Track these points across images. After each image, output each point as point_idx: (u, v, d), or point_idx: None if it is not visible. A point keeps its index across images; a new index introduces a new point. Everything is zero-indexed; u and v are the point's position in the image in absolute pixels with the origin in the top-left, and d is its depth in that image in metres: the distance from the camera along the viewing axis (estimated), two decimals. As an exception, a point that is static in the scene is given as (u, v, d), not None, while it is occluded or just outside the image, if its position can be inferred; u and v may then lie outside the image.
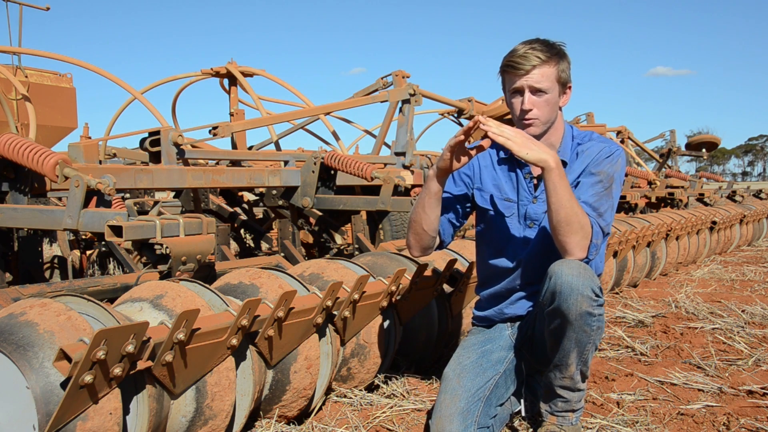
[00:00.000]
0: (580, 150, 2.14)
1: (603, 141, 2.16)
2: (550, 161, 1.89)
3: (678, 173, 9.42)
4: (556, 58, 2.05)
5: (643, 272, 5.24)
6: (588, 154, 2.12)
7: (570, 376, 2.02)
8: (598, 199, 2.03)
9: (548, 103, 2.06)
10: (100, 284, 2.47)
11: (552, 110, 2.08)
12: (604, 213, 2.02)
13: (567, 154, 2.14)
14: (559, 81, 2.06)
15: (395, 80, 5.01)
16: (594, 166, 2.09)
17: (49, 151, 2.38)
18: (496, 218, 2.23)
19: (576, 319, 1.90)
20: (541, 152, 1.89)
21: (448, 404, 2.03)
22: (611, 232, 2.15)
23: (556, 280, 1.90)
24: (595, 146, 2.13)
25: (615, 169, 2.08)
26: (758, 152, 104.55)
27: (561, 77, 2.06)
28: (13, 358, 1.54)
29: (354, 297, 2.29)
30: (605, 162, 2.08)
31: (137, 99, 4.08)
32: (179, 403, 1.84)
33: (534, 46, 2.04)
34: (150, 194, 6.63)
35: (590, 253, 1.99)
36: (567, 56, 2.10)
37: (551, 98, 2.06)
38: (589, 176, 2.08)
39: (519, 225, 2.20)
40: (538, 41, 2.06)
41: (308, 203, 3.70)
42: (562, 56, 2.07)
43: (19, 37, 5.40)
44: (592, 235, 1.97)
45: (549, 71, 2.04)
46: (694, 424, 2.28)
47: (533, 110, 2.06)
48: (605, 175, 2.06)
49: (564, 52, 2.09)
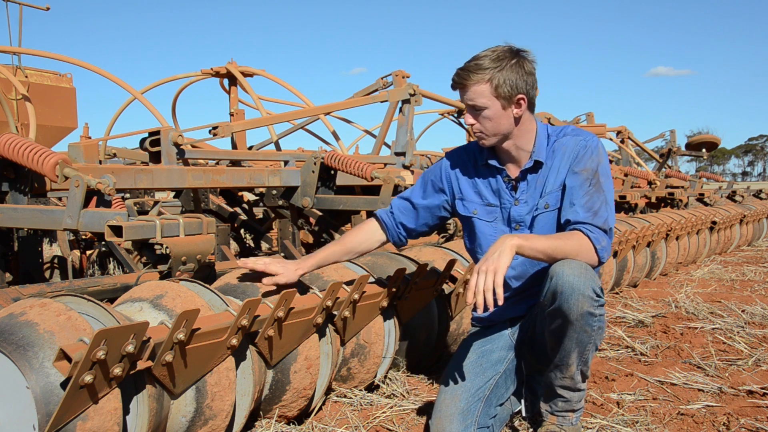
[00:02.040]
0: (557, 146, 2.14)
1: (576, 134, 2.15)
2: (513, 248, 1.89)
3: (678, 173, 9.41)
4: (491, 73, 2.00)
5: (643, 272, 5.24)
6: (565, 151, 2.12)
7: (570, 376, 2.02)
8: (589, 198, 2.03)
9: (488, 118, 2.05)
10: (100, 284, 2.47)
11: (497, 124, 2.07)
12: (598, 210, 2.02)
13: (542, 153, 2.13)
14: (497, 96, 2.02)
15: (395, 80, 5.00)
16: (576, 164, 2.09)
17: (49, 151, 2.38)
18: (481, 225, 2.24)
19: (577, 319, 1.90)
20: (503, 250, 1.88)
21: (448, 404, 2.03)
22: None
23: (558, 280, 1.90)
24: (570, 141, 2.13)
25: (597, 161, 2.08)
26: (758, 152, 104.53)
27: (499, 92, 2.01)
28: (13, 358, 1.54)
29: (354, 297, 2.29)
30: (586, 157, 2.08)
31: (137, 99, 4.08)
32: (179, 403, 1.84)
33: (470, 64, 2.03)
34: (150, 194, 6.63)
35: (602, 258, 2.00)
36: (519, 68, 2.02)
37: (491, 113, 2.04)
38: (575, 176, 2.08)
39: (504, 229, 2.20)
40: (485, 54, 2.03)
41: (308, 203, 3.70)
42: (506, 69, 2.01)
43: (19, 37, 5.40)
44: (592, 243, 1.98)
45: (481, 88, 2.02)
46: (694, 424, 2.28)
47: (475, 125, 2.08)
48: (590, 172, 2.06)
49: (514, 64, 2.01)
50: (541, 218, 2.13)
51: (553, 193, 2.12)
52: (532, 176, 2.15)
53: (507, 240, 1.91)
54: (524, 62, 2.05)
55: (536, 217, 2.14)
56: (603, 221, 2.01)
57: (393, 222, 2.36)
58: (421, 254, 3.02)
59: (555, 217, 2.11)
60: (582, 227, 2.00)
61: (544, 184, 2.13)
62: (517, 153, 2.15)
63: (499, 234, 2.18)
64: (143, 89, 5.44)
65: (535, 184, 2.15)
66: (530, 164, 2.14)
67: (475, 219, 2.25)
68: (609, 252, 2.03)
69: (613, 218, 2.06)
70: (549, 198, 2.12)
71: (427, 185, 2.34)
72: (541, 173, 2.14)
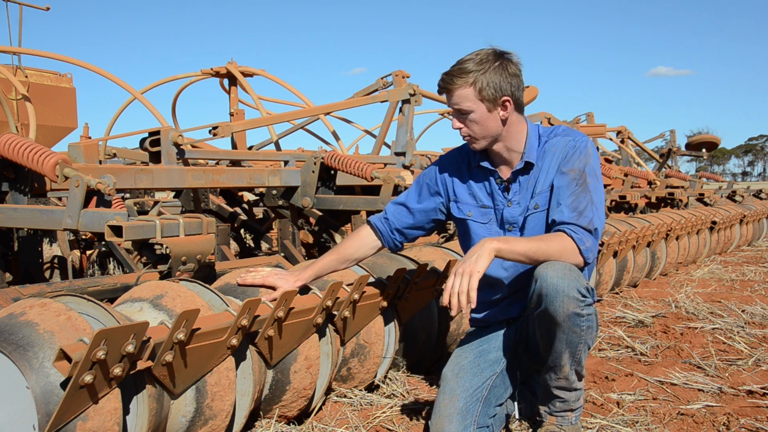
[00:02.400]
0: (548, 147, 2.14)
1: (567, 134, 2.15)
2: (492, 252, 1.92)
3: (678, 173, 9.41)
4: (474, 76, 2.01)
5: (643, 272, 5.24)
6: (555, 152, 2.12)
7: (565, 377, 2.02)
8: (575, 199, 2.03)
9: (475, 121, 2.06)
10: (100, 284, 2.47)
11: (484, 127, 2.07)
12: (584, 210, 2.01)
13: (533, 154, 2.14)
14: (482, 99, 2.03)
15: (395, 80, 5.01)
16: (564, 164, 2.09)
17: (49, 151, 2.38)
18: (475, 226, 2.24)
19: (564, 320, 1.90)
20: (482, 254, 1.90)
21: (447, 404, 2.03)
22: (605, 228, 2.17)
23: (542, 282, 1.91)
24: (560, 142, 2.13)
25: (585, 161, 2.08)
26: (758, 152, 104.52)
27: (483, 95, 2.02)
28: (13, 358, 1.54)
29: (354, 297, 2.29)
30: (574, 157, 2.08)
31: (137, 99, 4.08)
32: (179, 403, 1.84)
33: (454, 69, 2.04)
34: (150, 194, 6.63)
35: (587, 258, 2.00)
36: (503, 70, 2.02)
37: (477, 117, 2.05)
38: (562, 177, 2.08)
39: (498, 231, 2.20)
40: (469, 58, 2.04)
41: (308, 203, 3.71)
42: (489, 71, 2.01)
43: (19, 37, 5.40)
44: (576, 244, 1.98)
45: (465, 92, 2.02)
46: (694, 424, 2.28)
47: (463, 128, 2.09)
48: (577, 172, 2.06)
49: (498, 67, 2.02)
50: (532, 219, 2.14)
51: (542, 194, 2.12)
52: (524, 177, 2.16)
53: (486, 243, 1.92)
54: (508, 64, 2.04)
55: (527, 217, 2.14)
56: (588, 222, 2.01)
57: (387, 228, 2.35)
58: (421, 254, 3.02)
59: (545, 218, 2.12)
60: (566, 228, 2.00)
61: (534, 185, 2.13)
62: (508, 154, 2.15)
63: (493, 235, 2.18)
64: (143, 89, 5.44)
65: (527, 185, 2.15)
66: (521, 165, 2.14)
67: (469, 221, 2.25)
68: (595, 252, 2.02)
69: (599, 219, 2.05)
70: (539, 198, 2.12)
71: (423, 189, 2.34)
72: (532, 174, 2.14)
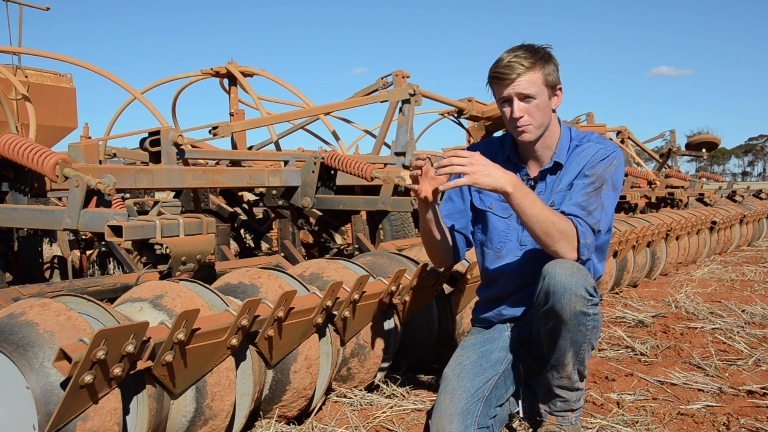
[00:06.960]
0: (578, 151, 2.14)
1: (600, 142, 2.15)
2: (506, 187, 1.89)
3: (678, 173, 9.41)
4: (541, 62, 2.04)
5: (643, 272, 5.24)
6: (584, 156, 2.12)
7: (567, 376, 2.02)
8: (586, 198, 2.03)
9: (538, 108, 2.06)
10: (100, 284, 2.47)
11: (544, 114, 2.08)
12: (593, 211, 2.01)
13: (563, 155, 2.14)
14: (546, 85, 2.06)
15: (395, 80, 5.00)
16: (589, 168, 2.09)
17: (49, 151, 2.38)
18: (495, 220, 2.24)
19: (570, 318, 1.90)
20: (497, 178, 1.88)
21: (447, 404, 2.03)
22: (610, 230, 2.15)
23: (550, 280, 1.90)
24: (591, 148, 2.13)
25: (609, 171, 2.08)
26: (758, 152, 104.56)
27: (548, 81, 2.06)
28: (13, 358, 1.54)
29: (354, 297, 2.29)
30: (600, 164, 2.08)
31: (137, 99, 4.09)
32: (179, 403, 1.84)
33: (518, 54, 2.04)
34: (150, 194, 6.63)
35: (582, 254, 1.98)
36: (553, 59, 2.09)
37: (540, 103, 2.06)
38: (583, 178, 2.08)
39: (516, 226, 2.20)
40: (522, 48, 2.06)
41: (308, 203, 3.71)
42: (547, 60, 2.06)
43: (19, 37, 5.41)
44: (578, 236, 1.97)
45: (535, 77, 2.03)
46: (694, 424, 2.28)
47: (524, 117, 2.07)
48: (597, 177, 2.06)
49: (549, 55, 2.08)
50: None
51: (561, 192, 2.12)
52: (551, 177, 2.16)
53: (508, 177, 1.90)
54: (553, 56, 2.10)
55: None
56: (595, 221, 2.01)
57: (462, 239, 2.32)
58: (421, 254, 3.02)
59: None
60: (573, 218, 1.99)
61: (558, 185, 2.14)
62: (542, 151, 2.15)
63: (512, 230, 2.19)
64: (143, 89, 5.44)
65: (553, 185, 2.16)
66: (550, 165, 2.15)
67: (489, 213, 2.25)
68: (590, 251, 2.02)
69: (605, 223, 2.05)
70: (557, 197, 2.13)
71: (450, 192, 2.31)
72: (558, 175, 2.15)
